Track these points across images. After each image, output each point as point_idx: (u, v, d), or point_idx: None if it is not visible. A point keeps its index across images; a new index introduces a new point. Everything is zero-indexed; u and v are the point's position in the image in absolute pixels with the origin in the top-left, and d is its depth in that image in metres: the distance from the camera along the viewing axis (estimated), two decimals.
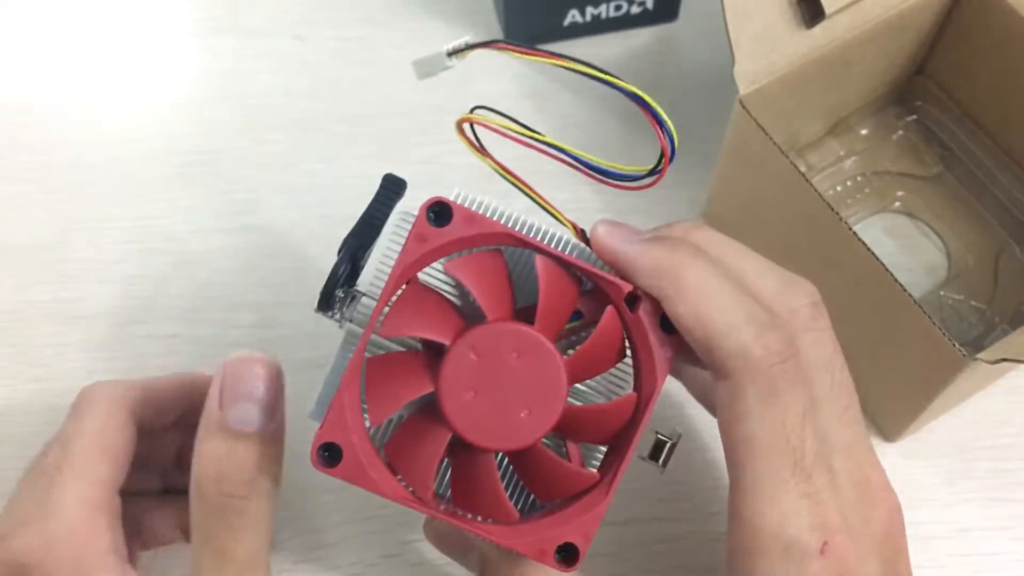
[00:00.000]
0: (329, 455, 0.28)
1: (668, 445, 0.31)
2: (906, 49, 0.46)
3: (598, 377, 0.30)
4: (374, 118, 0.52)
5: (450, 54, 0.28)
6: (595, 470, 0.30)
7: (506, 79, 0.53)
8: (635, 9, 0.53)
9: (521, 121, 0.28)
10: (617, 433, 0.29)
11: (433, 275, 0.30)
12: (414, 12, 0.55)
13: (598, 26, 0.53)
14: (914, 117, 0.49)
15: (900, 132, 0.49)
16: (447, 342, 0.28)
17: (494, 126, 0.27)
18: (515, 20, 0.52)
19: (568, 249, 0.30)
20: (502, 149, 0.29)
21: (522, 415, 0.28)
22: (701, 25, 0.55)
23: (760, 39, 0.39)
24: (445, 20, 0.55)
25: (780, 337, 0.27)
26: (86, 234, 0.49)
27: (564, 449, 0.30)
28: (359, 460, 0.28)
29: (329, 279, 0.30)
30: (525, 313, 0.29)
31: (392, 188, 0.31)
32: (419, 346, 0.30)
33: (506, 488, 0.29)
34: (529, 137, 0.28)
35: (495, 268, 0.29)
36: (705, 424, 0.43)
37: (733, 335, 0.27)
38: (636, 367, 0.30)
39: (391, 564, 0.41)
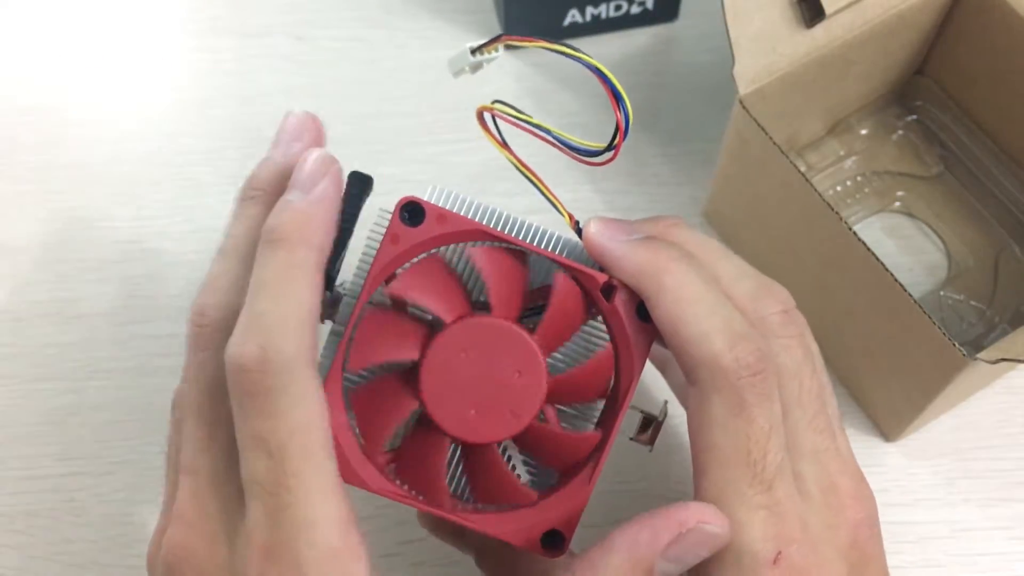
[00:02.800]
0: None
1: (654, 423, 0.31)
2: (906, 49, 0.46)
3: (572, 344, 0.31)
4: (374, 118, 0.52)
5: (474, 51, 0.29)
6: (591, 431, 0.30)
7: (508, 78, 0.53)
8: (635, 9, 0.53)
9: (519, 109, 0.29)
10: (606, 387, 0.30)
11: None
12: (414, 12, 0.55)
13: (598, 26, 0.53)
14: (914, 117, 0.49)
15: (900, 132, 0.49)
16: (415, 357, 0.28)
17: (503, 114, 0.29)
18: (515, 20, 0.52)
19: (552, 242, 0.30)
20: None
21: (509, 404, 0.28)
22: (701, 25, 0.55)
23: (760, 39, 0.39)
24: (445, 20, 0.55)
25: (754, 350, 0.27)
26: (86, 234, 0.49)
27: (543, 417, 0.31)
28: (345, 457, 0.28)
29: None
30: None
31: (357, 187, 0.30)
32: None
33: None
34: (523, 120, 0.29)
35: (435, 274, 0.29)
36: None
37: (705, 344, 0.27)
38: (615, 356, 0.30)
39: (391, 563, 0.41)
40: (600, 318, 0.30)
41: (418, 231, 0.29)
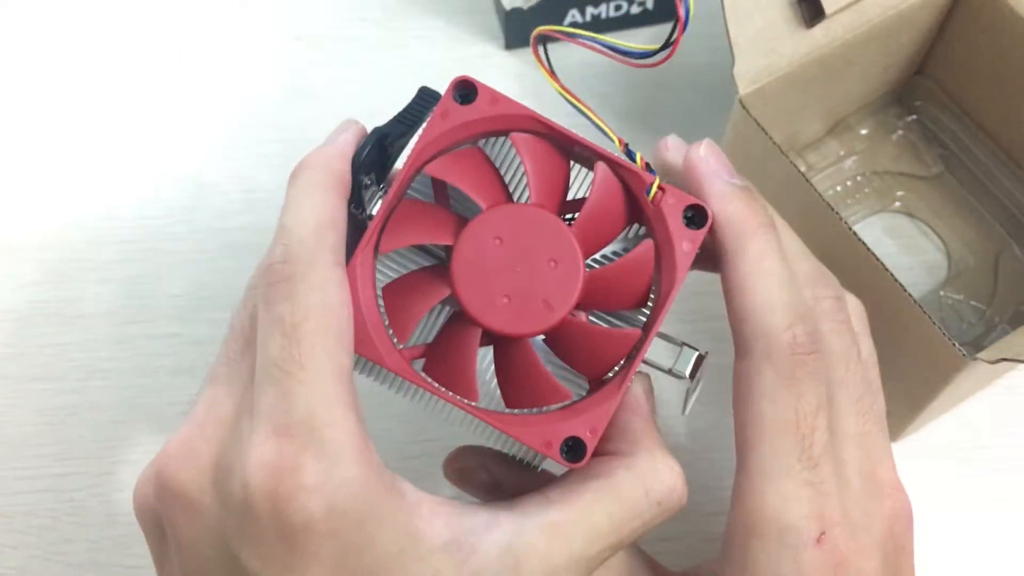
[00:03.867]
0: None
1: (696, 356, 0.30)
2: (906, 49, 0.46)
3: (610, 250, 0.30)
4: (374, 118, 0.51)
5: None
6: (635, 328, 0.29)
7: (507, 79, 0.53)
8: (635, 9, 0.53)
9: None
10: (645, 291, 0.29)
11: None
12: (414, 12, 0.55)
13: (598, 26, 0.53)
14: (914, 117, 0.49)
15: (900, 132, 0.49)
16: (450, 242, 0.28)
17: (555, 31, 0.30)
18: (515, 20, 0.52)
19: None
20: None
21: (543, 294, 0.27)
22: (701, 25, 0.54)
23: (760, 39, 0.39)
24: (445, 20, 0.55)
25: (811, 331, 0.28)
26: (86, 234, 0.49)
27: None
28: (366, 330, 0.28)
29: (353, 160, 0.29)
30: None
31: (428, 100, 0.30)
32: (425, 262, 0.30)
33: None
34: (574, 34, 0.30)
35: (475, 162, 0.28)
36: (706, 426, 0.43)
37: (768, 316, 0.27)
38: (657, 262, 0.29)
39: None
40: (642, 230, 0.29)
41: (468, 109, 0.28)
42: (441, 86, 0.53)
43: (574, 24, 0.53)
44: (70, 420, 0.44)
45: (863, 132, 0.48)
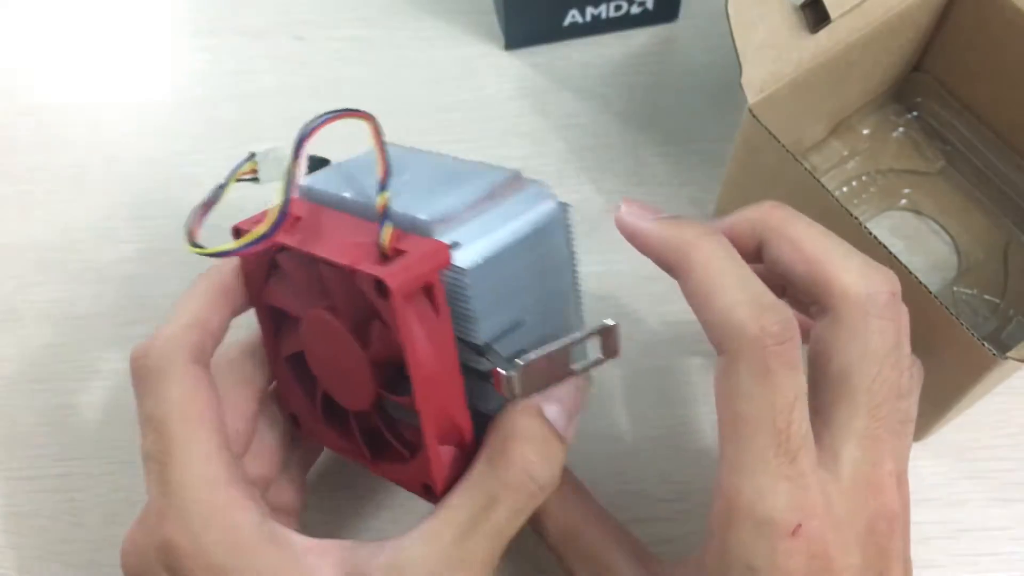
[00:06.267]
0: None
1: (607, 330, 0.31)
2: (906, 47, 0.46)
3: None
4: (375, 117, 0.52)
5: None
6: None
7: (507, 78, 0.53)
8: (635, 9, 0.53)
9: None
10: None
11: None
12: (414, 12, 0.55)
13: (598, 26, 0.53)
14: (914, 113, 0.49)
15: (901, 129, 0.49)
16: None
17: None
18: (515, 20, 0.52)
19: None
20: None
21: (354, 384, 0.31)
22: (701, 25, 0.55)
23: (766, 47, 0.39)
24: (445, 20, 0.55)
25: (780, 320, 0.28)
26: (86, 234, 0.49)
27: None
28: (304, 416, 0.34)
29: None
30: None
31: (313, 168, 0.33)
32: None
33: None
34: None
35: (294, 270, 0.32)
36: (704, 426, 0.43)
37: (732, 314, 0.28)
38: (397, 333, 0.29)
39: None
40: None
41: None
42: (441, 85, 0.53)
43: (574, 24, 0.53)
44: (70, 420, 0.44)
45: (865, 132, 0.48)
